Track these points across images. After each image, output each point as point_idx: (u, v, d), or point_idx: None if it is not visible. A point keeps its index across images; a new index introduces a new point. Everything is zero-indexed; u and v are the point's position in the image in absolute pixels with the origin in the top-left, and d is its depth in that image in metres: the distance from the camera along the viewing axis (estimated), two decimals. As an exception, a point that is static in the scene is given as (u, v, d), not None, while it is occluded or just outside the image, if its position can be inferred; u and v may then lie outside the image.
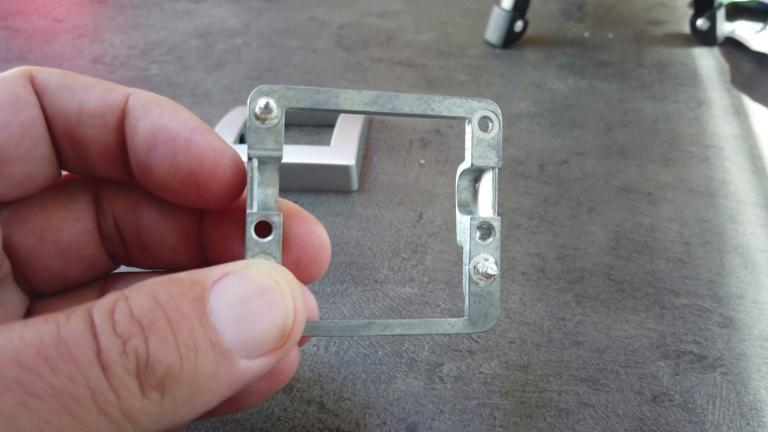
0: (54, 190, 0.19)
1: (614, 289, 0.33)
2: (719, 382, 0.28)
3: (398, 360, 0.29)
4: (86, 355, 0.12)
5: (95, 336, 0.13)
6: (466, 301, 0.21)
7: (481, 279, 0.20)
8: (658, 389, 0.28)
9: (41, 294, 0.20)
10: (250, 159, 0.18)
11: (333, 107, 0.19)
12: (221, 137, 0.18)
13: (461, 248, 0.21)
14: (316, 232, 0.19)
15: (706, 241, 0.37)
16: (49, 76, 0.17)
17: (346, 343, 0.30)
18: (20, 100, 0.17)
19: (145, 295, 0.13)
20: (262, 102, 0.17)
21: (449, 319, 0.21)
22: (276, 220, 0.18)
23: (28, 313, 0.20)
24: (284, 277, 0.16)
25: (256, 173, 0.18)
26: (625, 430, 0.26)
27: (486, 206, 0.21)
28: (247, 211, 0.17)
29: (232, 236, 0.19)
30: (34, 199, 0.19)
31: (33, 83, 0.17)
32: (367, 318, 0.31)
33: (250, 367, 0.14)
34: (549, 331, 0.31)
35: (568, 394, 0.27)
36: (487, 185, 0.21)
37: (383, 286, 0.34)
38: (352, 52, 0.63)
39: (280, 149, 0.18)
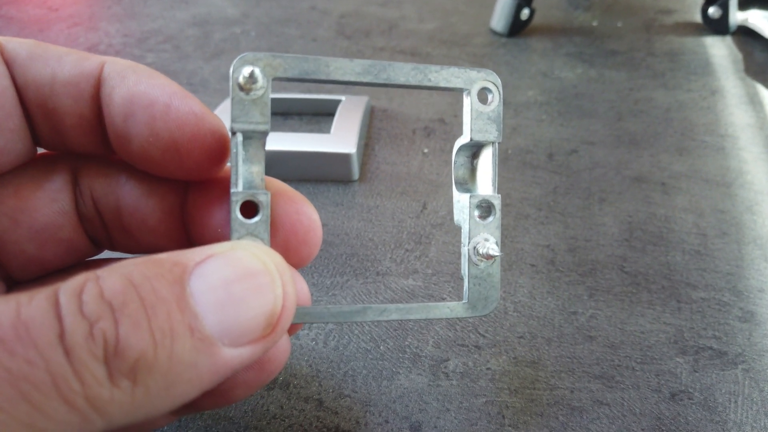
0: (29, 170, 0.18)
1: (628, 282, 0.32)
2: (741, 379, 0.27)
3: (401, 355, 0.27)
4: (47, 337, 0.11)
5: (59, 317, 0.11)
6: (466, 284, 0.20)
7: (482, 260, 0.19)
8: (676, 387, 0.26)
9: (18, 280, 0.19)
10: (234, 133, 0.16)
11: (323, 77, 0.17)
12: (202, 103, 0.17)
13: (459, 228, 0.20)
14: (305, 213, 0.18)
15: (724, 232, 0.35)
16: (19, 45, 0.16)
17: (346, 337, 0.28)
18: None
19: (118, 276, 0.12)
20: (246, 71, 0.16)
21: (448, 303, 0.20)
22: (263, 199, 0.16)
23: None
24: (273, 259, 0.14)
25: (240, 149, 0.16)
26: (642, 429, 0.24)
27: (486, 183, 0.20)
28: (232, 189, 0.16)
29: (216, 217, 0.18)
30: (6, 179, 0.17)
31: (2, 53, 0.16)
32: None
33: (233, 355, 0.13)
34: (560, 325, 0.29)
35: (581, 391, 0.26)
36: (486, 161, 0.20)
37: (385, 279, 0.32)
38: (354, 40, 0.62)
39: (267, 122, 0.16)
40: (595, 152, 0.43)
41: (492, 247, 0.19)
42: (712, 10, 0.62)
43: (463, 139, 0.20)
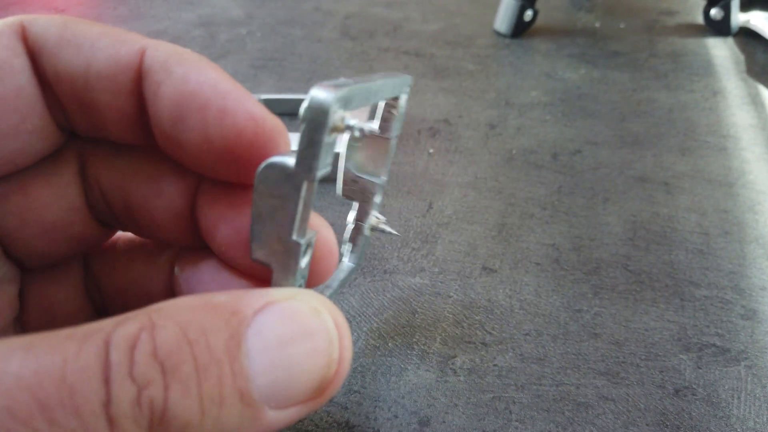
0: (36, 164, 0.17)
1: (632, 280, 0.32)
2: (744, 375, 0.27)
3: (409, 352, 0.28)
4: (92, 404, 0.10)
5: (107, 380, 0.11)
6: (357, 250, 0.24)
7: (372, 232, 0.24)
8: (680, 383, 0.27)
9: (31, 269, 0.18)
10: (311, 180, 0.14)
11: (369, 103, 0.17)
12: (257, 101, 0.15)
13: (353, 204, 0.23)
14: (323, 239, 0.16)
15: (726, 231, 0.36)
16: (45, 29, 0.15)
17: (355, 334, 0.29)
18: (2, 67, 0.14)
19: (173, 327, 0.11)
20: (353, 121, 0.14)
21: (342, 266, 0.24)
22: (314, 241, 0.16)
23: (23, 283, 0.18)
24: (333, 316, 0.13)
25: (309, 195, 0.14)
26: (646, 424, 0.25)
27: (384, 171, 0.23)
28: (297, 238, 0.15)
29: (226, 217, 0.17)
30: (14, 175, 0.16)
31: (26, 39, 0.15)
32: (376, 308, 0.30)
33: (277, 418, 0.12)
34: (565, 322, 0.30)
35: (586, 387, 0.26)
36: (389, 152, 0.22)
37: (393, 277, 0.32)
38: (358, 41, 0.62)
39: (331, 164, 0.15)
40: (598, 152, 0.43)
41: (388, 227, 0.24)
42: (714, 12, 0.62)
43: (380, 132, 0.21)
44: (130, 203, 0.18)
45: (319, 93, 0.13)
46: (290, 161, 0.14)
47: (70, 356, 0.11)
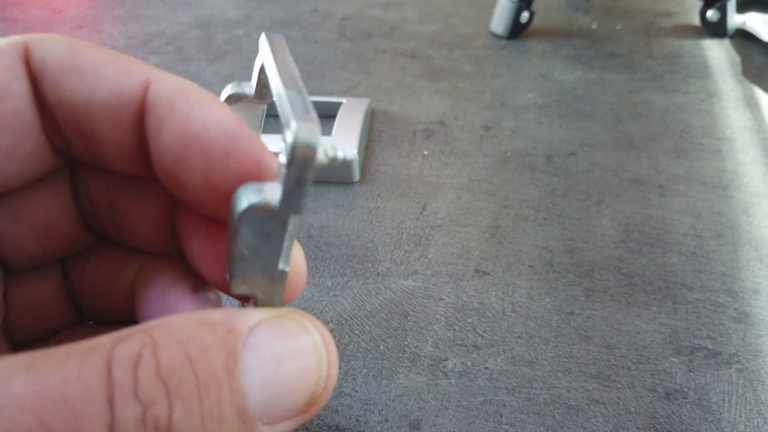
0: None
1: (625, 282, 0.32)
2: (735, 379, 0.27)
3: (401, 355, 0.28)
4: (96, 425, 0.10)
5: (111, 400, 0.11)
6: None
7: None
8: (671, 386, 0.27)
9: (18, 270, 0.18)
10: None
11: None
12: (262, 141, 0.15)
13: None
14: (293, 263, 0.16)
15: (720, 234, 0.36)
16: (48, 54, 0.14)
17: (347, 336, 0.29)
18: (0, 90, 0.14)
19: (175, 345, 0.12)
20: (332, 153, 0.13)
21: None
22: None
23: (6, 285, 0.18)
24: (322, 335, 0.14)
25: (294, 227, 0.14)
26: (637, 428, 0.25)
27: (259, 134, 0.22)
28: (283, 267, 0.15)
29: (204, 230, 0.17)
30: None
31: (28, 62, 0.15)
32: (368, 311, 0.30)
33: None
34: (557, 325, 0.30)
35: (577, 390, 0.26)
36: (262, 115, 0.22)
37: (385, 279, 0.32)
38: (356, 42, 0.62)
39: None
40: (593, 154, 0.44)
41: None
42: (711, 13, 0.62)
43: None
44: (115, 209, 0.18)
45: (304, 131, 0.12)
46: (272, 199, 0.13)
47: (72, 376, 0.11)
